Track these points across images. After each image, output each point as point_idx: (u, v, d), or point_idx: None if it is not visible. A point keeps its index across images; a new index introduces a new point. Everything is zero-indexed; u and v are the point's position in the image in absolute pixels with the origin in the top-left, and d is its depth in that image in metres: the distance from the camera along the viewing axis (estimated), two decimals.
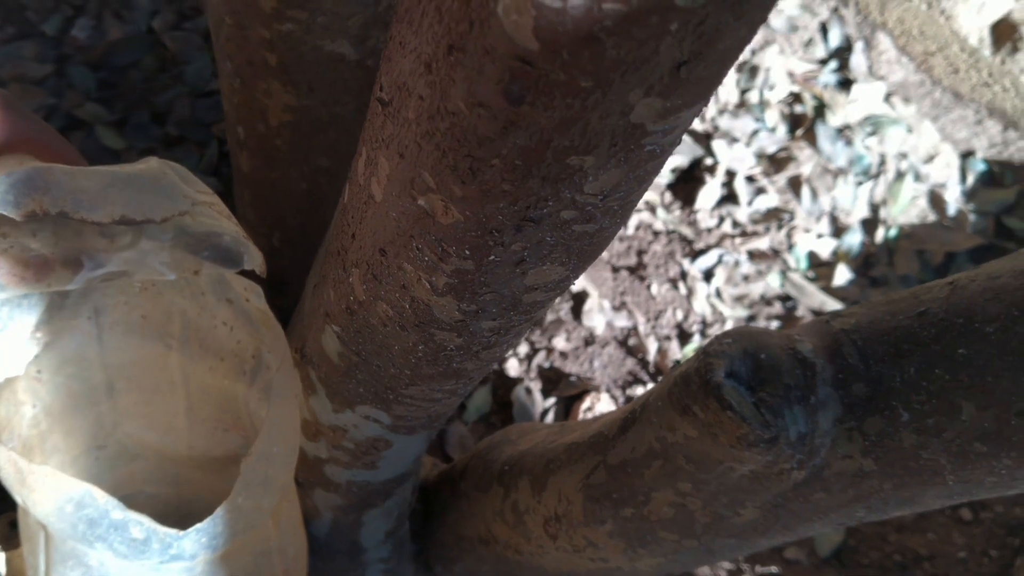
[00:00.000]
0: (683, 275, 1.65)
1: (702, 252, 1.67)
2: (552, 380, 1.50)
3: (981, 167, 1.83)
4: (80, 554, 0.78)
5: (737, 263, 1.67)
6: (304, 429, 0.86)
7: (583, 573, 0.91)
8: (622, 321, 1.57)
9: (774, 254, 1.70)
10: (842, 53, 1.89)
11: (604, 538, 0.81)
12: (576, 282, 1.30)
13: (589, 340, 1.55)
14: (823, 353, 0.66)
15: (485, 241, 0.47)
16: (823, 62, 1.89)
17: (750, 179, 1.76)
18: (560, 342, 1.53)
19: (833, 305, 1.66)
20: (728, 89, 1.82)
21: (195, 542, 0.75)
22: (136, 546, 0.75)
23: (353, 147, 1.00)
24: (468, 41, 0.36)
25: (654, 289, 1.62)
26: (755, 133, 1.79)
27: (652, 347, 1.56)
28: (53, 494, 0.73)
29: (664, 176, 1.72)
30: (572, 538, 0.83)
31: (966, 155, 1.85)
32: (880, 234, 1.75)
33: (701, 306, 1.62)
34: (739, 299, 1.65)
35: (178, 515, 1.13)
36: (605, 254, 1.63)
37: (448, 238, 0.48)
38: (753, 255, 1.69)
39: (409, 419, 0.78)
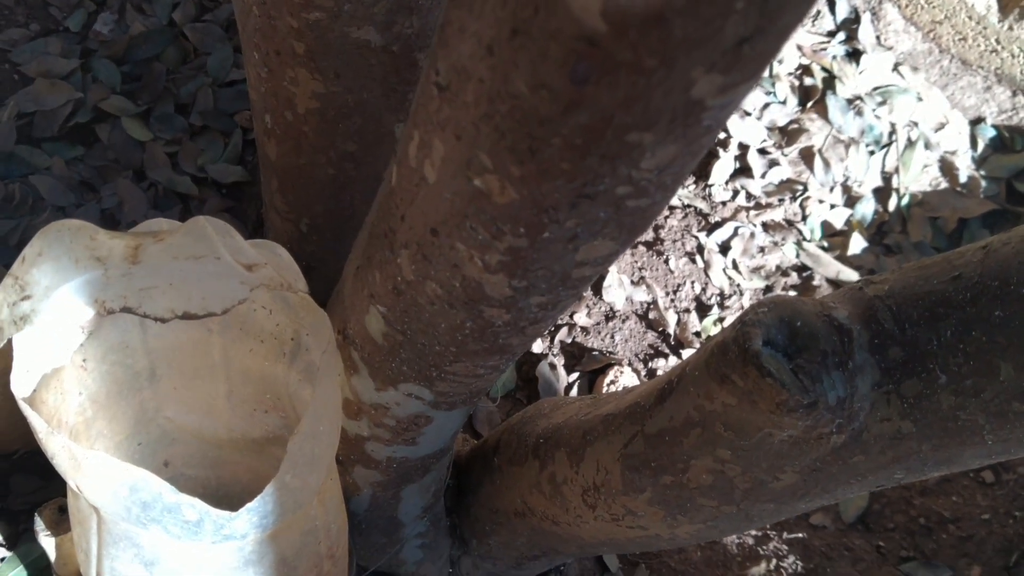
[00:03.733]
0: (700, 248, 1.66)
1: (718, 225, 1.69)
2: (575, 355, 1.52)
3: (991, 133, 1.84)
4: (133, 536, 0.80)
5: (752, 235, 1.69)
6: (345, 408, 0.88)
7: (621, 541, 0.93)
8: (641, 295, 1.59)
9: (788, 225, 1.72)
10: (850, 25, 1.90)
11: (643, 506, 0.82)
12: None
13: (610, 315, 1.57)
14: (858, 319, 0.67)
15: (540, 219, 0.48)
16: (831, 34, 1.89)
17: (763, 152, 1.77)
18: (582, 318, 1.55)
19: (849, 274, 1.67)
20: None
21: (246, 522, 0.77)
22: (189, 527, 0.77)
23: (379, 132, 1.02)
24: (533, 24, 0.38)
25: (672, 263, 1.63)
26: (766, 106, 1.80)
27: (672, 320, 1.58)
28: (107, 479, 0.74)
29: None
30: (611, 507, 0.85)
31: (976, 122, 1.86)
32: (893, 202, 1.77)
33: (718, 278, 1.64)
34: (756, 270, 1.67)
35: (216, 497, 1.14)
36: None
37: (503, 217, 0.50)
38: (768, 227, 1.71)
39: (451, 395, 0.80)
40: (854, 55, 1.86)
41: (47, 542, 0.98)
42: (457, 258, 0.56)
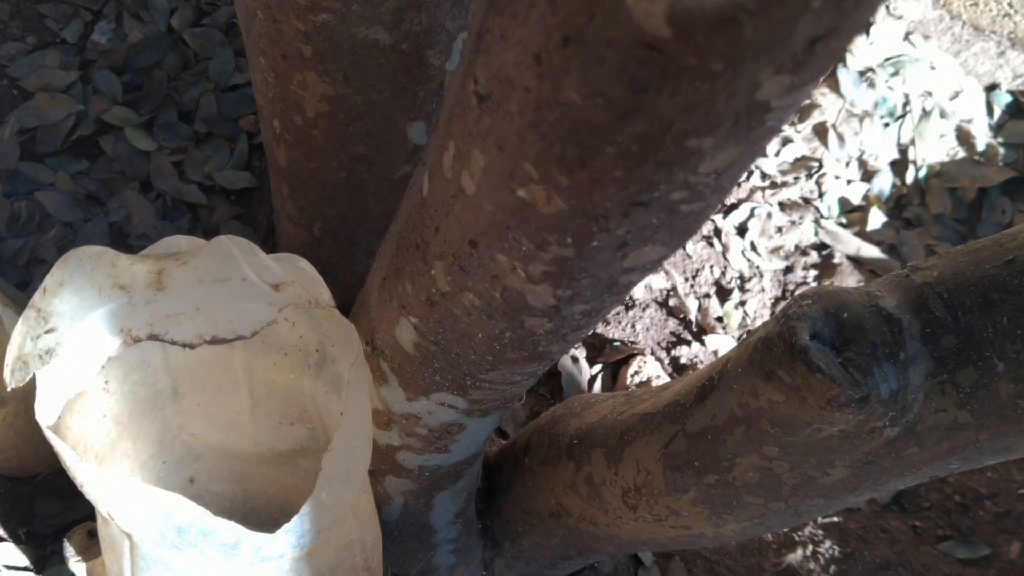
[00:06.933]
0: (717, 232, 1.64)
1: (734, 207, 1.67)
2: (596, 347, 1.50)
3: (1007, 99, 1.81)
4: (167, 560, 0.79)
5: (769, 215, 1.67)
6: (375, 419, 0.86)
7: (663, 540, 0.91)
8: (660, 282, 1.57)
9: (805, 203, 1.69)
10: None
11: (687, 506, 0.80)
12: None
13: (629, 304, 1.54)
14: (907, 308, 0.65)
15: (589, 228, 0.46)
16: None
17: None
18: None
19: (869, 250, 1.65)
20: None
21: (284, 543, 0.75)
22: (226, 550, 0.75)
23: (390, 133, 0.99)
24: (588, 32, 0.36)
25: (689, 248, 1.61)
26: None
27: (693, 306, 1.56)
28: (140, 505, 0.72)
29: None
30: (653, 508, 0.83)
31: (991, 88, 1.83)
32: (910, 175, 1.74)
33: (737, 261, 1.62)
34: (774, 251, 1.65)
35: (244, 511, 1.13)
36: None
37: (549, 227, 0.47)
38: (785, 206, 1.69)
39: (485, 402, 0.78)
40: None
41: (78, 567, 0.97)
42: (497, 269, 0.54)
